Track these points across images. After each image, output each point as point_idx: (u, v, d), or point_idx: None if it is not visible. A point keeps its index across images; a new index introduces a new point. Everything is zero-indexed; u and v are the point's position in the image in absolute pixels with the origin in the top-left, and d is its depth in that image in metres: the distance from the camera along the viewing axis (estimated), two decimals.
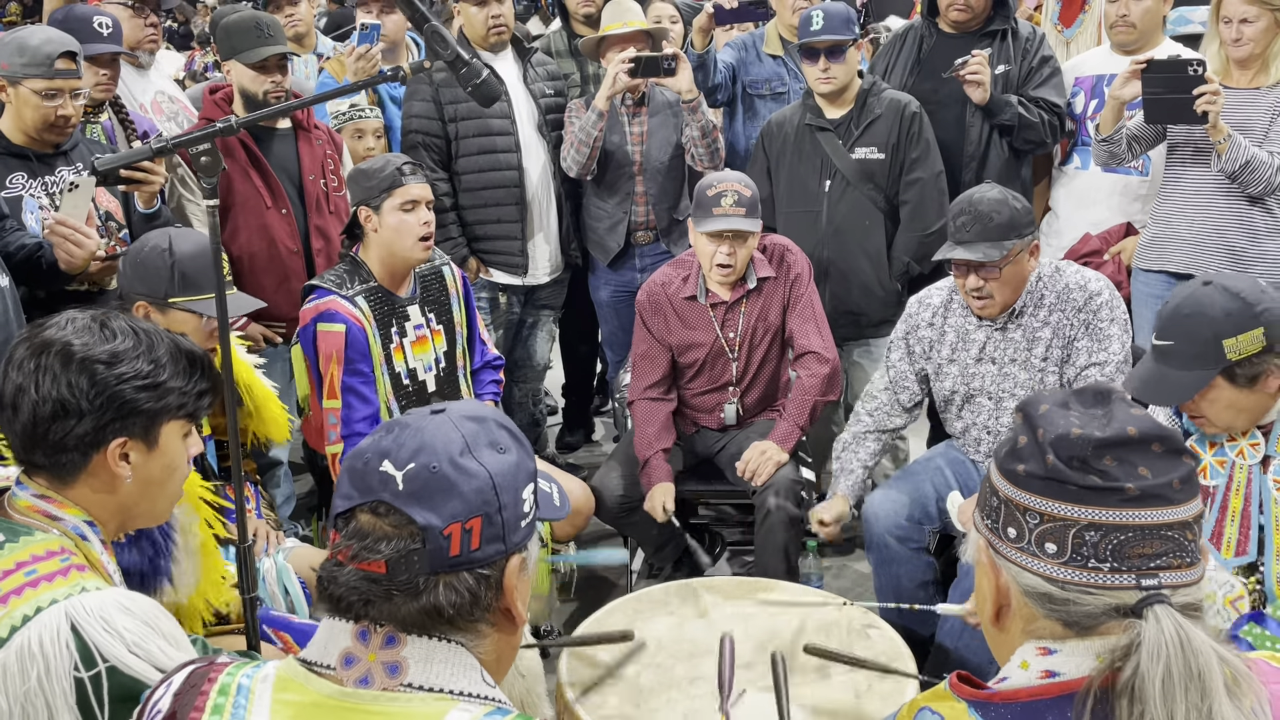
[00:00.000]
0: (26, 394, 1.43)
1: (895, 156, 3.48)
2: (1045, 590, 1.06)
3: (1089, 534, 1.04)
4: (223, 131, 1.78)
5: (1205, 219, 3.20)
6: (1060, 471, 1.05)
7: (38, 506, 1.47)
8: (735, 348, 3.20)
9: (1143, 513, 1.03)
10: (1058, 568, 1.05)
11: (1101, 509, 1.03)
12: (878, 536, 2.87)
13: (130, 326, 1.51)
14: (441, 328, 3.03)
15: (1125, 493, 1.03)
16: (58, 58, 2.72)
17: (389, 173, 2.82)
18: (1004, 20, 3.59)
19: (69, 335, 1.46)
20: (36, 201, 2.81)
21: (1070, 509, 1.04)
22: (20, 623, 1.33)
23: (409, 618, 1.11)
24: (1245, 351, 1.97)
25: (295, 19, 4.25)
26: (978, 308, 2.76)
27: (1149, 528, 1.03)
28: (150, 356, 1.49)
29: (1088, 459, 1.05)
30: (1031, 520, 1.07)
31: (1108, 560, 1.03)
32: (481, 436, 1.16)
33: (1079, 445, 1.05)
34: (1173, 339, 2.05)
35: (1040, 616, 1.07)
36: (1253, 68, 3.14)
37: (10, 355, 1.48)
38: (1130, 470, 1.04)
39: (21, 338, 1.49)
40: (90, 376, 1.44)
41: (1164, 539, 1.03)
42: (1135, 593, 1.03)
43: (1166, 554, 1.03)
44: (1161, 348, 2.06)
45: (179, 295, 2.37)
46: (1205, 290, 2.02)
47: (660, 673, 2.20)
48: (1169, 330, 2.06)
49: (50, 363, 1.44)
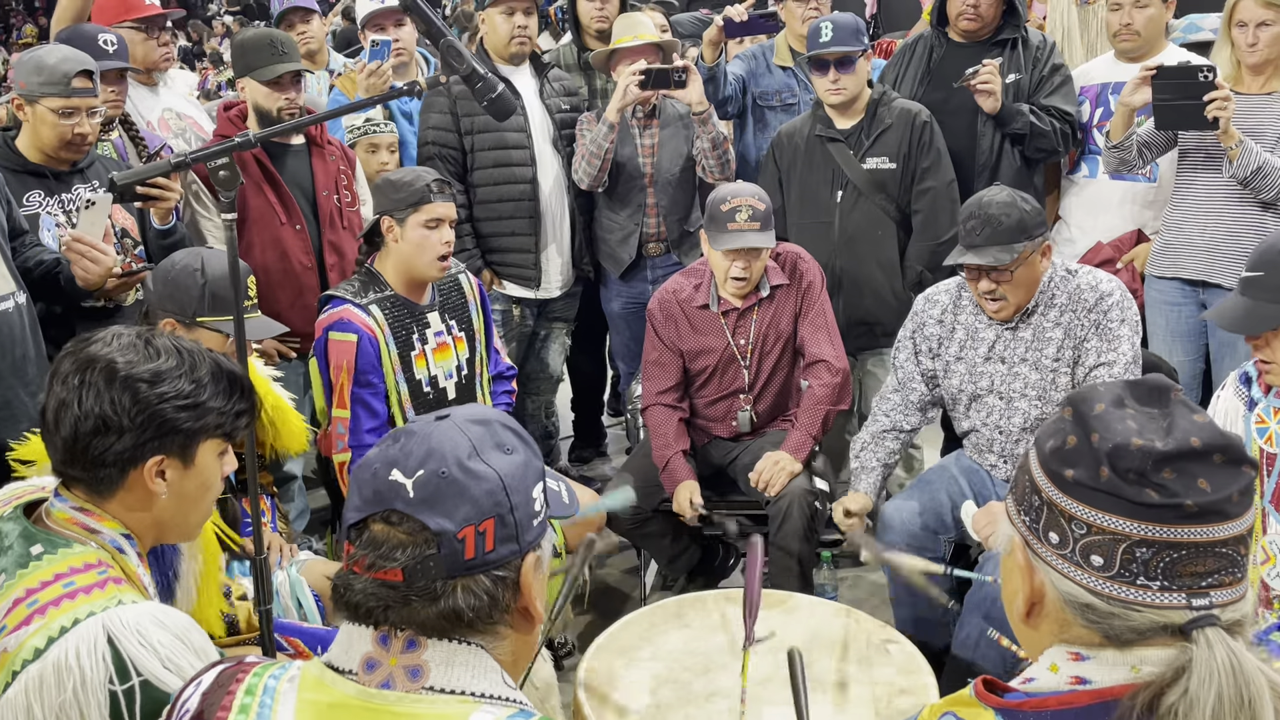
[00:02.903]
0: (69, 409, 1.45)
1: (906, 166, 3.48)
2: (1087, 600, 1.01)
3: (1140, 550, 0.98)
4: (240, 146, 1.80)
5: (1218, 225, 3.19)
6: (1115, 485, 0.99)
7: (76, 519, 1.48)
8: (746, 354, 3.20)
9: (1199, 529, 0.98)
10: (1103, 581, 1.00)
11: (1156, 525, 0.98)
12: (893, 546, 2.86)
13: (174, 345, 1.53)
14: (463, 334, 3.04)
15: (1183, 509, 0.98)
16: (75, 76, 2.74)
17: (419, 188, 2.82)
18: (1014, 29, 3.59)
19: (114, 352, 1.48)
20: (54, 219, 2.84)
21: (1123, 523, 0.99)
22: (58, 634, 1.35)
23: (428, 622, 1.11)
24: None
25: (308, 36, 4.29)
26: (991, 311, 2.76)
27: (1204, 545, 0.98)
28: (192, 377, 1.51)
29: (1146, 472, 0.98)
30: (1078, 530, 1.01)
31: (1158, 578, 0.98)
32: (488, 439, 1.16)
33: (1139, 458, 0.99)
34: (1263, 269, 2.11)
35: (1077, 625, 1.03)
36: (1265, 73, 3.14)
37: (55, 369, 1.50)
38: (1190, 484, 0.98)
39: (67, 351, 1.51)
40: (133, 394, 1.45)
41: (1218, 556, 0.98)
42: (1185, 612, 0.98)
43: (1219, 571, 0.99)
44: (1251, 279, 2.12)
45: (208, 315, 2.39)
46: None
47: (678, 688, 2.19)
48: (1260, 261, 2.12)
49: (94, 379, 1.46)
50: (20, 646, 1.35)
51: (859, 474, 3.00)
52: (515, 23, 3.69)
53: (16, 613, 1.38)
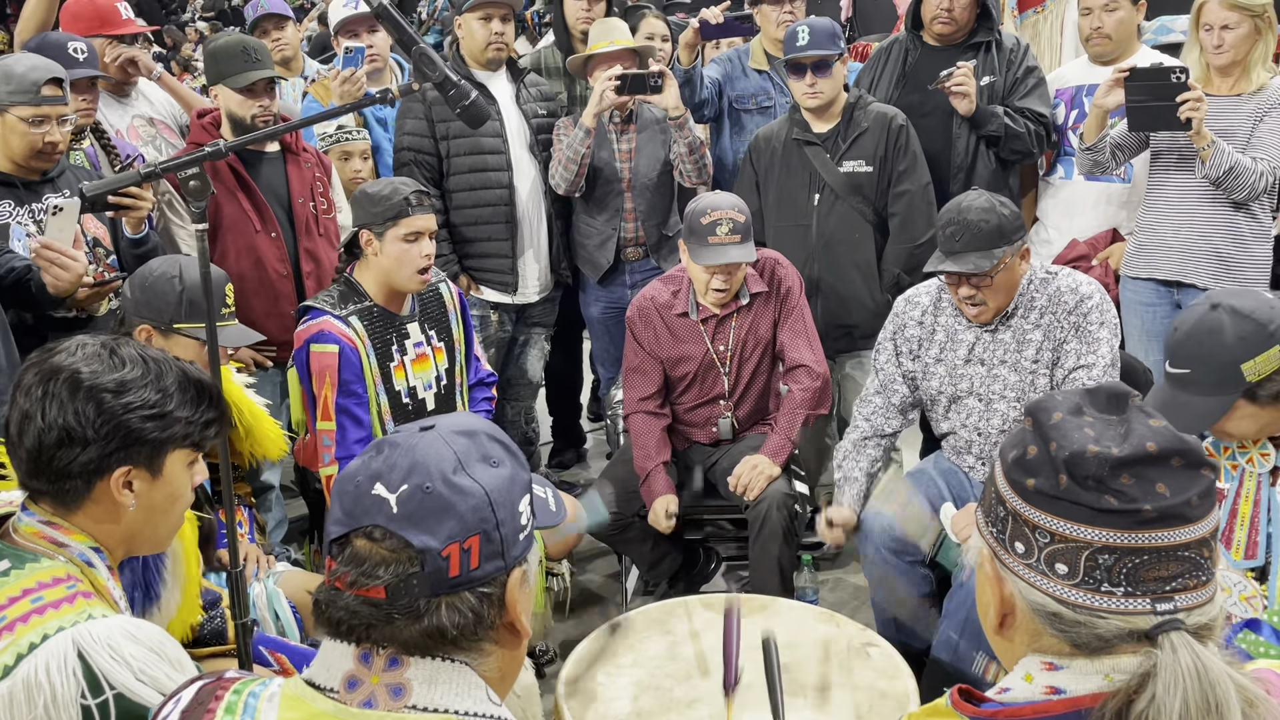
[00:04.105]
0: (33, 420, 1.43)
1: (883, 169, 3.49)
2: (1054, 610, 1.02)
3: (1102, 557, 0.99)
4: (212, 155, 1.78)
5: (1191, 226, 3.21)
6: (1074, 493, 1.00)
7: (44, 533, 1.46)
8: (726, 361, 3.20)
9: (1160, 534, 0.98)
10: (1068, 589, 1.01)
11: (1117, 531, 0.99)
12: (873, 550, 2.87)
13: (139, 354, 1.50)
14: (443, 345, 3.02)
15: (1142, 514, 0.98)
16: (44, 84, 2.71)
17: (396, 202, 2.77)
18: (988, 32, 3.61)
19: (78, 362, 1.46)
20: (24, 229, 2.80)
21: (1084, 530, 1.00)
22: (27, 650, 1.32)
23: (412, 640, 1.09)
24: (1264, 372, 1.91)
25: (282, 43, 4.26)
26: (971, 315, 2.76)
27: (1165, 549, 0.98)
28: (158, 386, 1.48)
29: (1104, 479, 0.99)
30: (1041, 539, 1.02)
31: (1121, 584, 0.99)
32: (473, 451, 1.14)
33: (1095, 465, 1.00)
34: (1189, 367, 1.97)
35: (1046, 634, 1.03)
36: (1233, 74, 3.17)
37: (19, 380, 1.47)
38: (1148, 489, 0.99)
39: (31, 362, 1.49)
40: (97, 405, 1.43)
41: (1181, 560, 0.99)
42: (1150, 617, 0.99)
43: (1183, 575, 0.99)
44: (1178, 376, 1.99)
45: (185, 322, 2.39)
46: (1214, 315, 1.94)
47: (659, 695, 2.19)
48: (1184, 359, 1.98)
49: (58, 390, 1.43)
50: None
51: (842, 484, 2.99)
52: (492, 29, 3.68)
53: None
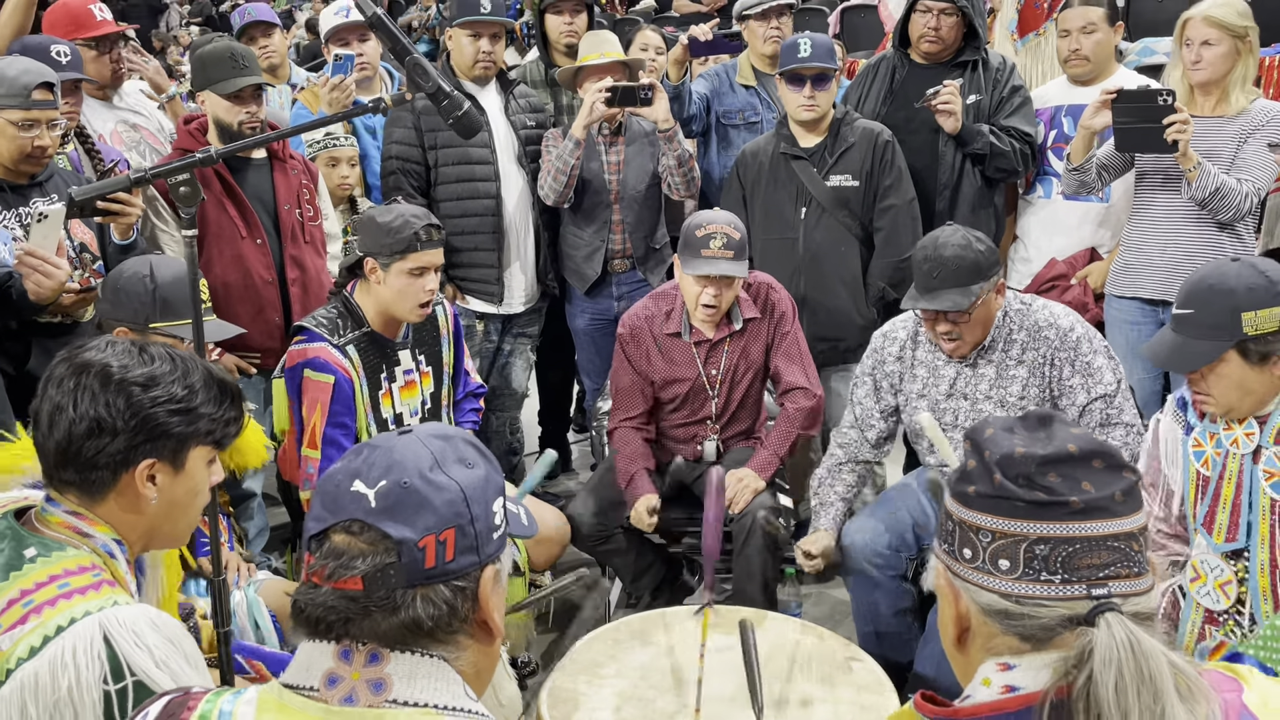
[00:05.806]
0: (64, 411, 1.48)
1: (869, 184, 3.51)
2: (1002, 607, 1.10)
3: (1039, 548, 1.08)
4: (202, 162, 1.78)
5: (1177, 245, 3.24)
6: (1007, 489, 1.10)
7: (69, 523, 1.50)
8: (716, 385, 3.21)
9: (1088, 525, 1.08)
10: (1012, 583, 1.09)
11: (1049, 523, 1.08)
12: (856, 564, 2.87)
13: (167, 353, 1.56)
14: (430, 369, 3.02)
15: (1070, 506, 1.08)
16: (35, 88, 2.70)
17: (406, 236, 2.75)
18: (974, 51, 3.64)
19: (109, 357, 1.51)
20: (10, 233, 2.79)
21: (1020, 525, 1.09)
22: (54, 633, 1.36)
23: (389, 633, 1.12)
24: (1262, 328, 2.04)
25: (270, 50, 4.26)
26: (949, 350, 2.77)
27: (1095, 539, 1.07)
28: (185, 382, 1.53)
29: (1032, 475, 1.09)
30: (984, 539, 1.11)
31: (1059, 572, 1.08)
32: (449, 453, 1.18)
33: (1023, 463, 1.10)
34: (1193, 307, 2.11)
35: (999, 633, 1.11)
36: (1214, 94, 3.20)
37: (49, 374, 1.52)
38: (1074, 485, 1.09)
39: (61, 358, 1.54)
40: (127, 397, 1.48)
41: (1111, 549, 1.08)
42: (1087, 602, 1.07)
43: (1114, 564, 1.08)
44: (1181, 315, 2.13)
45: (160, 320, 2.38)
46: (1234, 265, 2.10)
47: (642, 705, 2.18)
48: (1191, 299, 2.12)
49: (89, 382, 1.48)
50: (15, 645, 1.36)
51: (819, 510, 2.98)
52: (480, 47, 3.69)
53: (11, 613, 1.39)
